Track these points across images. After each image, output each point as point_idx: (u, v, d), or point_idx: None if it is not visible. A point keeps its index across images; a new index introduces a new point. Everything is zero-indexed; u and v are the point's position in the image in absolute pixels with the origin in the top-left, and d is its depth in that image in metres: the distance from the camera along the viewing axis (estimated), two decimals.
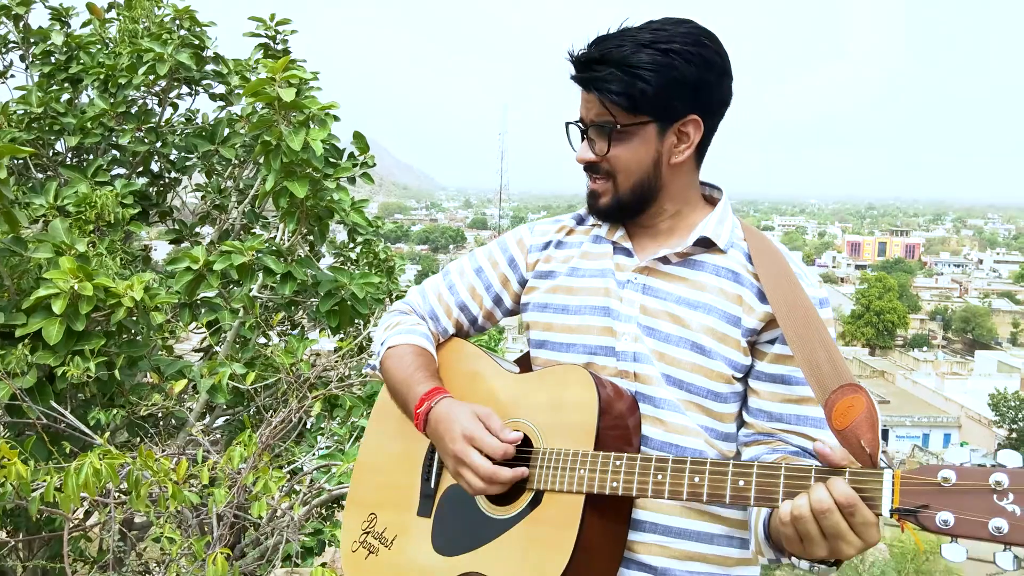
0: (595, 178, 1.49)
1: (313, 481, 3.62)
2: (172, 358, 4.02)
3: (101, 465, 2.37)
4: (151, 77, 4.30)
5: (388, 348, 1.62)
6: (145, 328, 3.49)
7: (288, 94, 3.52)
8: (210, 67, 4.60)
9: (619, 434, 1.39)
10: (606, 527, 1.38)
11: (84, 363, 3.16)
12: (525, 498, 1.41)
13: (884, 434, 41.06)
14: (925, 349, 64.66)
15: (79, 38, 4.53)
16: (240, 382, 3.55)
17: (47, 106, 4.34)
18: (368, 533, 1.62)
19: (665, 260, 1.47)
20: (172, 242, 4.83)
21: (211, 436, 4.19)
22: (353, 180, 4.16)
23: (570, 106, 1.50)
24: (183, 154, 4.61)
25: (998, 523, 1.02)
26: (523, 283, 1.63)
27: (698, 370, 1.41)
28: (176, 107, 4.77)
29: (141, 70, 4.24)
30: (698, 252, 1.47)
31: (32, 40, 4.55)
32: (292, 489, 3.52)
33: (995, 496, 1.04)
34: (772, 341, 1.42)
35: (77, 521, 3.46)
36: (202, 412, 4.09)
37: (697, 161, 1.49)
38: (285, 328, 5.08)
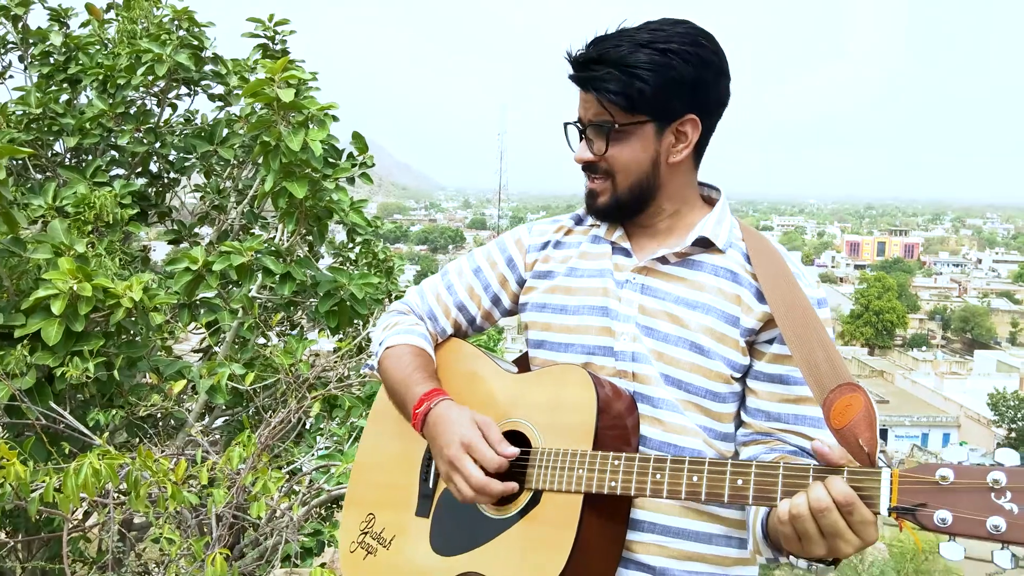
0: (593, 178, 1.49)
1: (312, 481, 3.62)
2: (171, 359, 4.02)
3: (100, 466, 2.36)
4: (150, 78, 4.30)
5: (386, 348, 1.62)
6: (144, 329, 3.49)
7: (287, 94, 3.52)
8: (209, 68, 4.60)
9: (618, 434, 1.39)
10: (605, 527, 1.38)
11: (83, 364, 3.16)
12: (523, 498, 1.41)
13: (883, 434, 41.05)
14: (924, 349, 64.68)
15: (78, 39, 4.53)
16: (239, 383, 3.55)
17: (46, 107, 4.34)
18: (366, 533, 1.62)
19: (664, 260, 1.48)
20: (171, 243, 4.83)
21: (210, 437, 4.19)
22: (352, 180, 4.16)
23: (569, 106, 1.50)
24: (182, 155, 4.61)
25: (996, 521, 1.02)
26: (521, 283, 1.63)
27: (697, 370, 1.41)
28: (175, 108, 4.77)
29: (140, 71, 4.24)
30: (697, 252, 1.48)
31: (31, 41, 4.55)
32: (291, 489, 3.52)
33: (993, 494, 1.04)
34: (770, 341, 1.42)
35: (76, 522, 3.47)
36: (201, 412, 4.09)
37: (695, 161, 1.50)
38: (284, 328, 5.08)
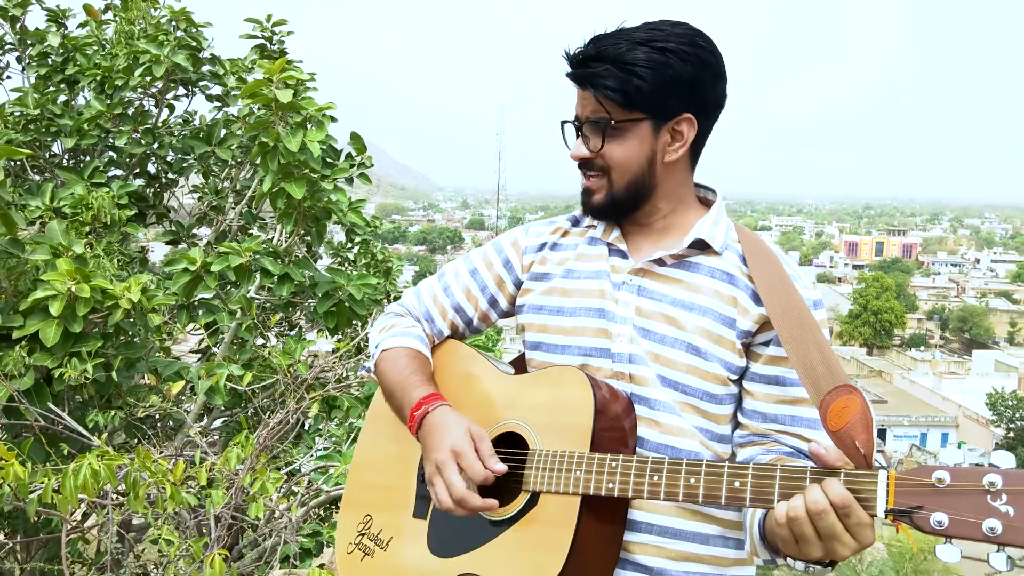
0: (589, 175, 1.49)
1: (311, 482, 3.62)
2: (170, 359, 4.02)
3: (99, 467, 2.36)
4: (147, 78, 4.30)
5: (383, 351, 1.62)
6: (143, 330, 3.49)
7: (285, 95, 3.52)
8: (206, 68, 4.60)
9: (615, 435, 1.39)
10: (602, 528, 1.38)
11: (81, 365, 3.16)
12: (521, 499, 1.41)
13: (882, 433, 41.08)
14: (923, 349, 64.72)
15: (75, 40, 4.53)
16: (238, 383, 3.55)
17: (43, 108, 4.34)
18: (364, 535, 1.62)
19: (660, 262, 1.48)
20: (169, 243, 4.83)
21: (209, 437, 4.18)
22: (350, 181, 4.16)
23: (569, 107, 1.52)
24: (180, 155, 4.61)
25: (992, 524, 1.03)
26: (518, 285, 1.63)
27: (693, 371, 1.42)
28: (173, 108, 4.77)
29: (137, 71, 4.24)
30: (693, 254, 1.48)
31: (29, 42, 4.54)
32: (290, 490, 3.52)
33: (989, 497, 1.04)
34: (767, 343, 1.43)
35: (75, 523, 3.46)
36: (200, 413, 4.09)
37: (692, 161, 1.50)
38: (283, 329, 5.08)
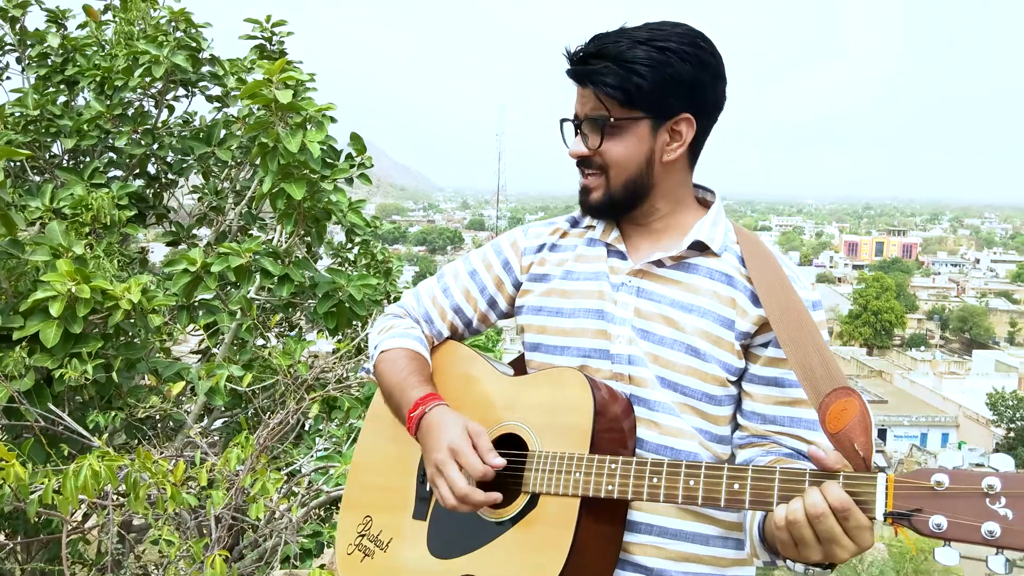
0: (587, 173, 1.49)
1: (311, 483, 3.62)
2: (170, 360, 4.02)
3: (99, 467, 2.36)
4: (147, 79, 4.30)
5: (381, 352, 1.62)
6: (143, 330, 3.50)
7: (285, 96, 3.52)
8: (206, 69, 4.60)
9: (614, 437, 1.39)
10: (602, 530, 1.38)
11: (82, 365, 3.16)
12: (521, 501, 1.41)
13: (882, 433, 41.08)
14: (923, 349, 64.72)
15: (75, 40, 4.53)
16: (238, 384, 3.55)
17: (43, 108, 4.34)
18: (364, 536, 1.62)
19: (659, 263, 1.48)
20: (169, 244, 4.82)
21: (209, 438, 4.19)
22: (350, 181, 4.16)
23: (569, 107, 1.50)
24: (179, 156, 4.61)
25: (990, 527, 1.03)
26: (517, 286, 1.63)
27: (692, 373, 1.42)
28: (172, 109, 4.77)
29: (137, 72, 4.24)
30: (692, 255, 1.48)
31: (28, 42, 4.54)
32: (290, 491, 3.52)
33: (988, 500, 1.04)
34: (765, 344, 1.43)
35: (75, 523, 3.46)
36: (200, 414, 4.09)
37: (690, 162, 1.50)
38: (283, 330, 5.08)
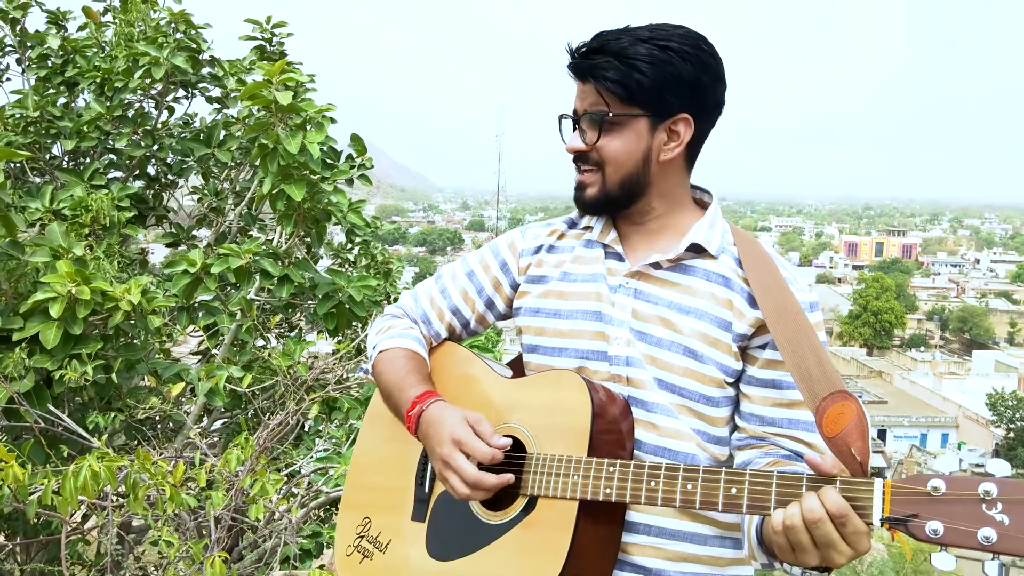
0: (584, 169, 1.49)
1: (311, 484, 3.62)
2: (170, 361, 4.02)
3: (99, 468, 2.37)
4: (147, 80, 4.30)
5: (380, 352, 1.63)
6: (143, 331, 3.50)
7: (285, 97, 3.53)
8: (206, 70, 4.60)
9: (612, 439, 1.39)
10: (600, 531, 1.38)
11: (82, 366, 3.17)
12: (519, 503, 1.41)
13: (882, 434, 41.08)
14: (923, 349, 64.73)
15: (75, 42, 4.53)
16: (237, 385, 3.55)
17: (43, 110, 4.34)
18: (363, 537, 1.63)
19: (656, 265, 1.48)
20: (169, 245, 4.83)
21: (209, 439, 4.19)
22: (350, 182, 4.16)
23: (569, 107, 1.51)
24: (179, 157, 4.62)
25: (987, 533, 1.03)
26: (515, 287, 1.63)
27: (690, 374, 1.42)
28: (172, 110, 4.77)
29: (137, 73, 4.24)
30: (689, 257, 1.48)
31: (28, 44, 4.55)
32: (290, 492, 3.52)
33: (984, 505, 1.04)
34: (763, 346, 1.43)
35: (75, 524, 3.46)
36: (200, 415, 4.09)
37: (688, 163, 1.50)
38: (283, 331, 5.08)
